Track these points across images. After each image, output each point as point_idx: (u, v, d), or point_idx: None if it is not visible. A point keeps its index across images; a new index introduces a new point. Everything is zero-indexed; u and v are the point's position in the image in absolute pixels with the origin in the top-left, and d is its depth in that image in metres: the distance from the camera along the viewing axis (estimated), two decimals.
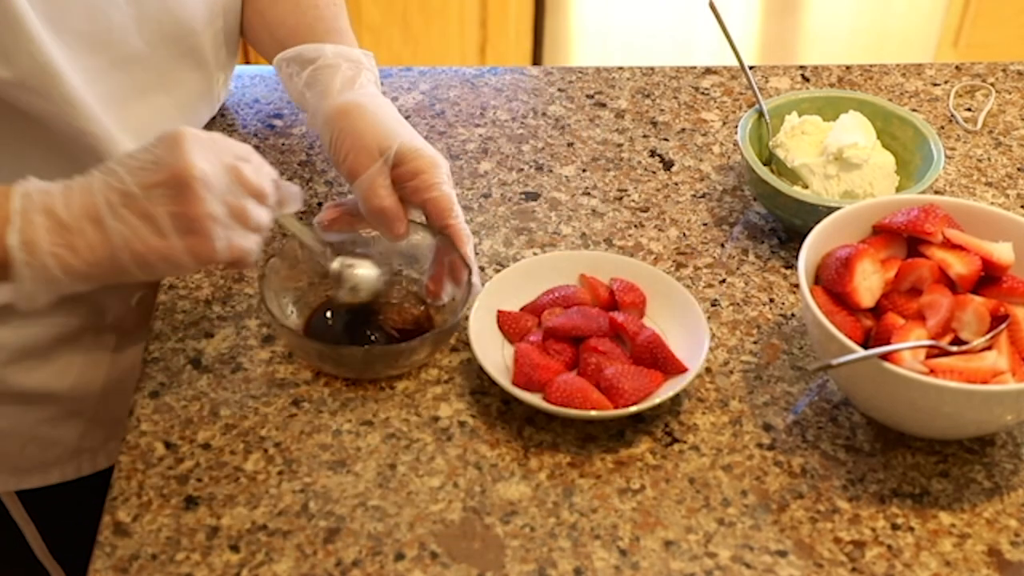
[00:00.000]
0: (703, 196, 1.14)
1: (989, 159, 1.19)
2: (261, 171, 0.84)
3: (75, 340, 1.07)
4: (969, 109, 1.26)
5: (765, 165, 1.10)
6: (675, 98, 1.26)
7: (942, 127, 1.23)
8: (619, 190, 1.14)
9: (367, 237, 1.00)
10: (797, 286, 1.03)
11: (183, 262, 0.80)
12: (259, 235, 0.84)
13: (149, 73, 1.02)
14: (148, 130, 0.85)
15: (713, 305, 1.02)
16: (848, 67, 1.31)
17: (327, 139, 0.97)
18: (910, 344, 0.86)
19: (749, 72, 1.15)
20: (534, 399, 0.90)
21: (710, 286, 1.04)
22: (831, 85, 1.28)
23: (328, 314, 0.99)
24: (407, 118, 1.03)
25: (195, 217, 0.79)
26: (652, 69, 1.30)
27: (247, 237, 0.82)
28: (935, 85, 1.29)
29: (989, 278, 0.92)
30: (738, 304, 1.02)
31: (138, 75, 1.01)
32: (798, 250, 0.93)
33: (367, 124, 0.96)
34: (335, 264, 0.96)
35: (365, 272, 0.97)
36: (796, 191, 1.06)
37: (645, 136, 1.21)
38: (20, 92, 0.91)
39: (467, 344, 0.96)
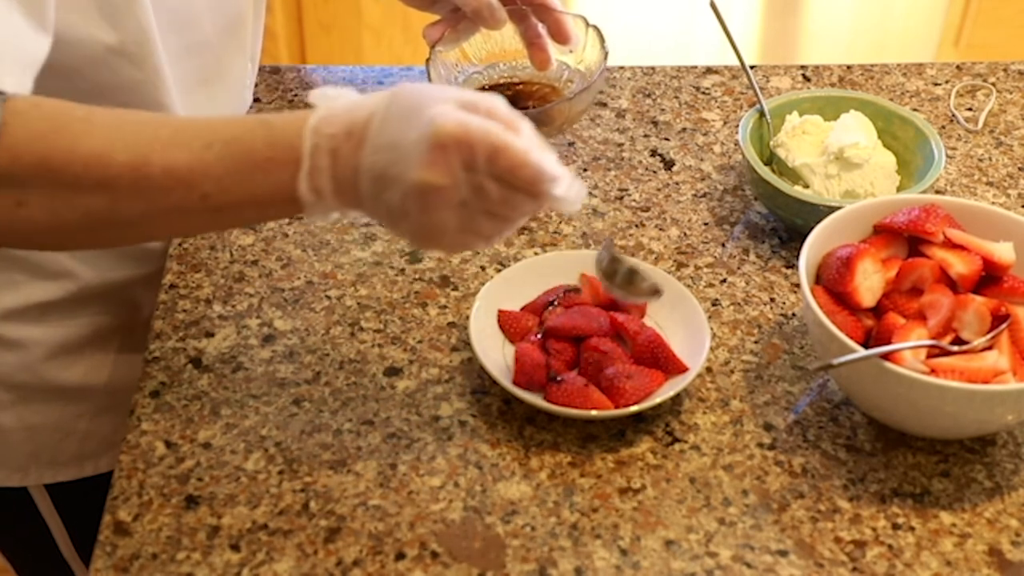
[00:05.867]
0: (704, 196, 1.14)
1: (990, 159, 1.19)
2: (507, 194, 0.76)
3: (111, 336, 1.09)
4: (970, 109, 1.26)
5: (766, 165, 1.10)
6: (676, 98, 1.26)
7: (943, 127, 1.23)
8: (620, 190, 1.14)
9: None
10: (798, 286, 1.03)
11: (412, 244, 0.85)
12: (498, 237, 0.80)
13: (211, 62, 1.05)
14: None
15: (714, 305, 1.02)
16: (849, 67, 1.31)
17: None
18: (911, 344, 0.86)
19: (750, 72, 1.15)
20: (535, 399, 0.90)
21: (711, 286, 1.04)
22: (832, 85, 1.28)
23: None
24: None
25: (422, 225, 0.77)
26: (653, 69, 1.30)
27: (481, 242, 0.79)
28: (936, 85, 1.29)
29: (990, 278, 0.92)
30: (739, 304, 1.02)
31: (203, 62, 1.04)
32: (799, 250, 0.93)
33: None
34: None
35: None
36: (797, 191, 1.06)
37: (646, 136, 1.21)
38: (117, 59, 0.93)
39: (467, 344, 0.96)
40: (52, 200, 0.76)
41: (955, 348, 0.88)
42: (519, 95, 1.16)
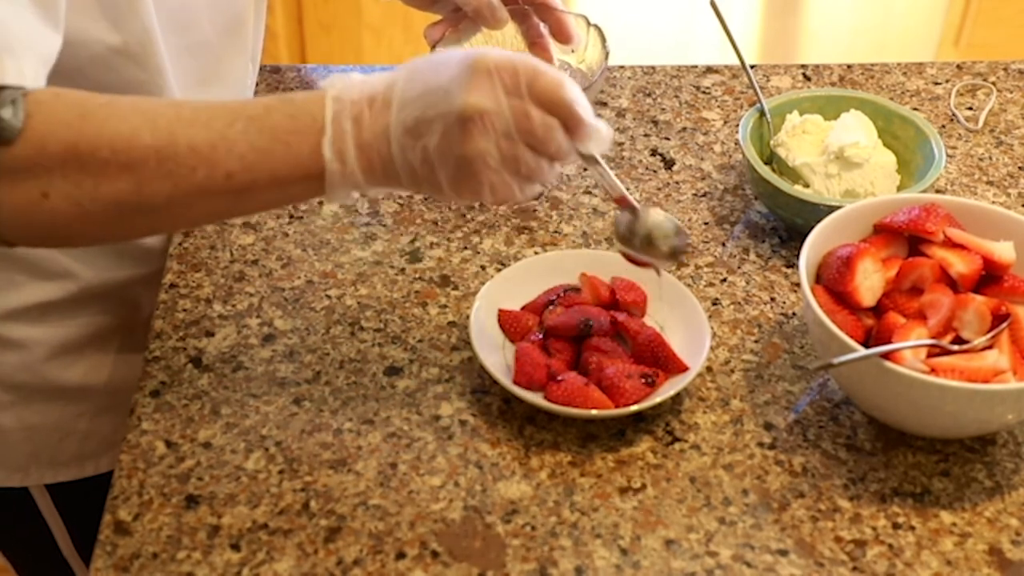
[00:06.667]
0: (704, 195, 1.14)
1: (990, 158, 1.19)
2: (548, 120, 0.78)
3: (111, 336, 1.09)
4: (970, 108, 1.26)
5: (766, 164, 1.10)
6: (676, 97, 1.26)
7: (943, 126, 1.23)
8: None
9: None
10: (798, 285, 1.03)
11: (449, 196, 0.79)
12: (533, 183, 0.80)
13: (211, 62, 1.05)
14: None
15: (714, 304, 1.02)
16: (849, 66, 1.31)
17: None
18: (911, 343, 0.86)
19: (750, 71, 1.15)
20: (535, 398, 0.90)
21: (711, 285, 1.04)
22: (832, 84, 1.28)
23: None
24: None
25: (464, 158, 0.77)
26: (653, 68, 1.30)
27: (516, 186, 0.79)
28: (936, 84, 1.29)
29: (990, 277, 0.92)
30: (739, 303, 1.02)
31: (203, 63, 1.04)
32: (799, 249, 0.93)
33: None
34: None
35: None
36: (797, 190, 1.06)
37: (646, 135, 1.21)
38: (120, 60, 0.93)
39: (468, 343, 0.96)
40: (78, 189, 0.76)
41: (955, 347, 0.87)
42: None
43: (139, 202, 0.77)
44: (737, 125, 1.21)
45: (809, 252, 0.92)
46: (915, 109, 1.24)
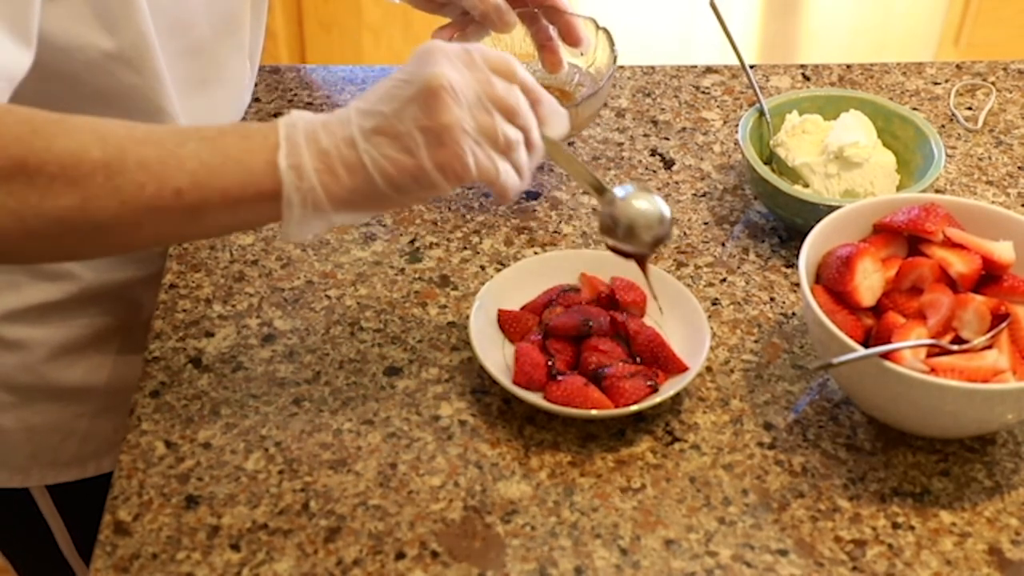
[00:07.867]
0: (704, 195, 1.14)
1: (990, 158, 1.19)
2: (512, 88, 0.81)
3: (111, 336, 1.10)
4: (970, 108, 1.26)
5: (766, 164, 1.10)
6: (676, 97, 1.26)
7: (943, 126, 1.23)
8: None
9: None
10: (798, 285, 1.03)
11: (434, 179, 0.78)
12: (510, 158, 0.81)
13: (210, 64, 1.05)
14: (204, 123, 0.85)
15: (714, 304, 1.02)
16: (849, 66, 1.31)
17: None
18: (911, 343, 0.86)
19: (750, 71, 1.15)
20: (535, 398, 0.90)
21: (711, 285, 1.04)
22: (832, 84, 1.28)
23: None
24: None
25: (442, 127, 0.77)
26: (653, 68, 1.30)
27: (495, 158, 0.80)
28: (936, 84, 1.29)
29: (990, 277, 0.92)
30: (739, 303, 1.02)
31: (202, 65, 1.04)
32: (799, 249, 0.93)
33: None
34: None
35: None
36: (797, 190, 1.06)
37: (646, 135, 1.21)
38: (115, 65, 0.93)
39: (467, 343, 0.96)
40: (23, 204, 0.74)
41: (955, 347, 0.88)
42: None
43: (84, 219, 0.76)
44: (737, 125, 1.21)
45: (809, 252, 0.92)
46: (915, 109, 1.24)
